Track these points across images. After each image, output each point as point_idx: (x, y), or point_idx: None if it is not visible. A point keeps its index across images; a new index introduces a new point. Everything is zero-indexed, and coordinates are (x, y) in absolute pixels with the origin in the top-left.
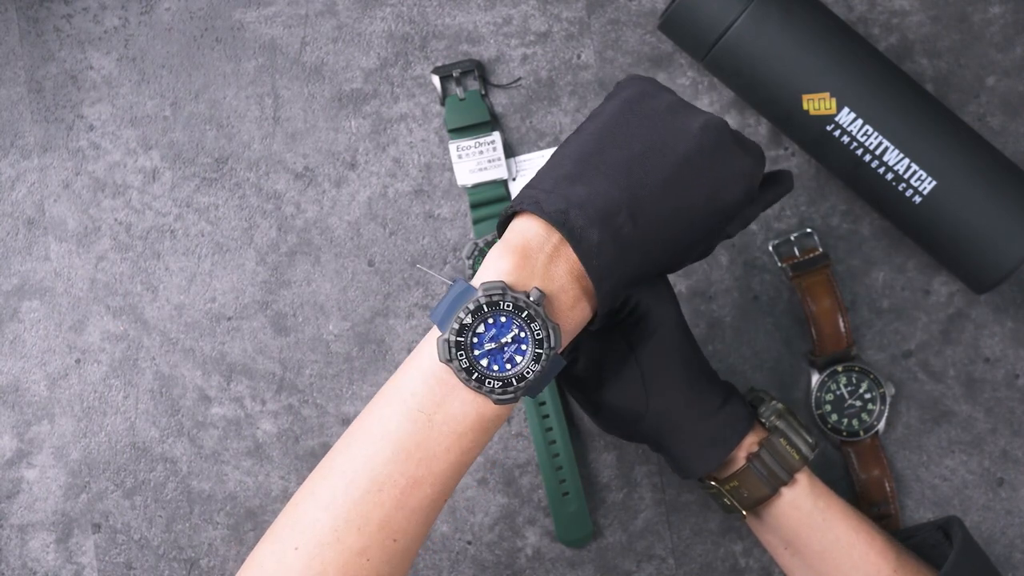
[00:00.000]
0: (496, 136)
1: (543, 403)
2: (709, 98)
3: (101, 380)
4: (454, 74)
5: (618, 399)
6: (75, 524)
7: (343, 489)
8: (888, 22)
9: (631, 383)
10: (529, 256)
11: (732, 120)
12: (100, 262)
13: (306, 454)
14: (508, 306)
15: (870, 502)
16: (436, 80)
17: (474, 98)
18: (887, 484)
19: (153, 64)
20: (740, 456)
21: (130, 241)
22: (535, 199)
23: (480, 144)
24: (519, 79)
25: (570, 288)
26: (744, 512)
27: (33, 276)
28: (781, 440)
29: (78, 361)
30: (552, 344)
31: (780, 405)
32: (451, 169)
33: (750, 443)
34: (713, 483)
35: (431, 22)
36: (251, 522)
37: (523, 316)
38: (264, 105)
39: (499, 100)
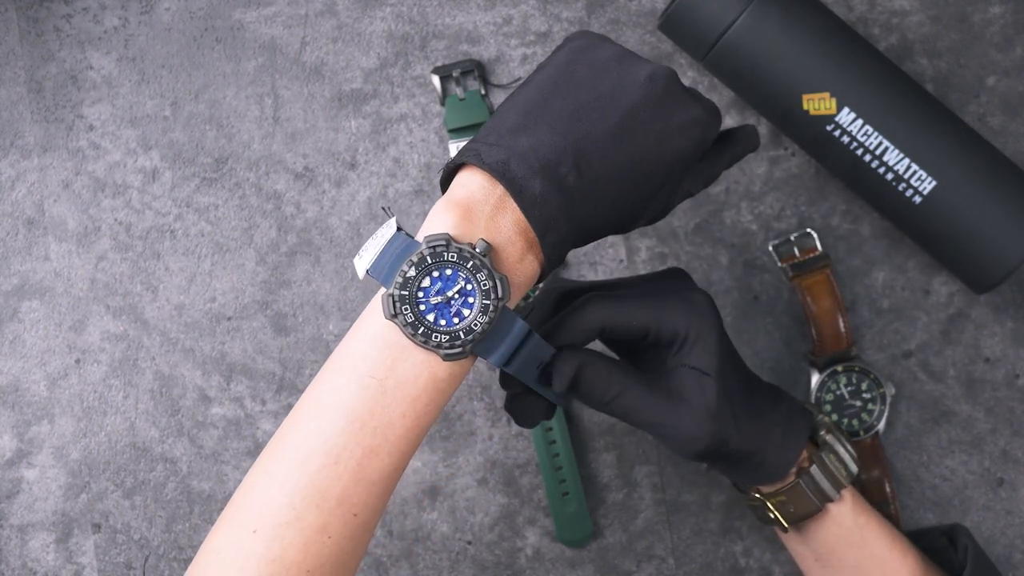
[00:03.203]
0: None
1: None
2: (709, 98)
3: (101, 380)
4: (454, 74)
5: (718, 429)
6: (75, 524)
7: (298, 464)
8: (888, 22)
9: (718, 406)
10: (473, 209)
11: (732, 120)
12: (100, 262)
13: None
14: (453, 257)
15: (870, 502)
16: (436, 80)
17: (474, 98)
18: (887, 485)
19: (153, 64)
20: (790, 471)
21: (130, 241)
22: (476, 151)
23: None
24: (519, 79)
25: (517, 241)
26: (787, 526)
27: (33, 276)
28: (831, 456)
29: (78, 361)
30: (499, 295)
31: (828, 419)
32: None
33: (801, 458)
34: (758, 495)
35: (431, 22)
36: None
37: (468, 267)
38: (264, 105)
39: (499, 100)
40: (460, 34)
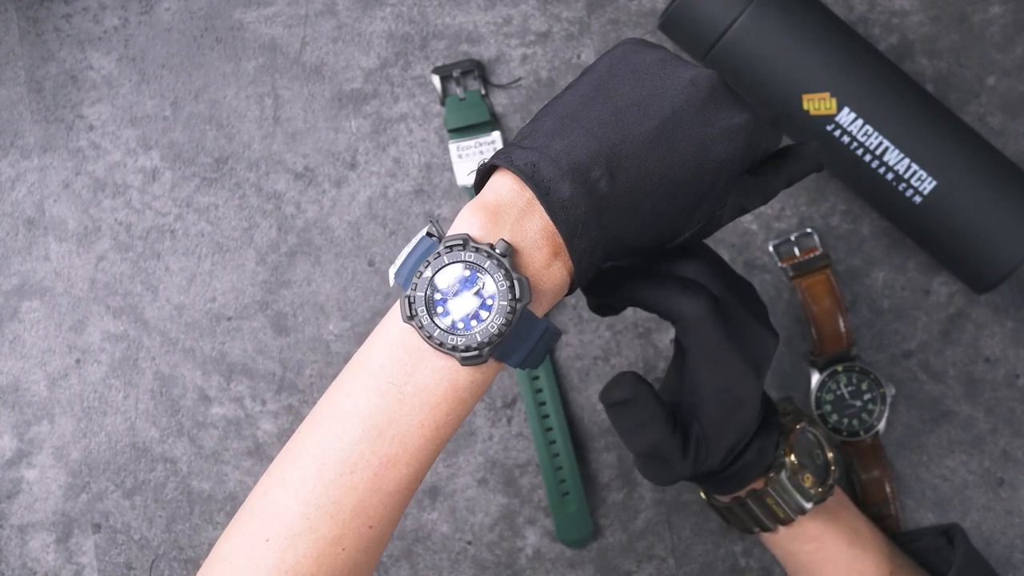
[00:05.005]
0: (496, 136)
1: (543, 403)
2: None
3: (101, 380)
4: (454, 74)
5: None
6: (75, 524)
7: (313, 473)
8: (888, 22)
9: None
10: (500, 212)
11: None
12: (100, 262)
13: None
14: (469, 257)
15: (870, 503)
16: (436, 80)
17: (474, 98)
18: (887, 485)
19: (153, 64)
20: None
21: (130, 241)
22: (508, 154)
23: (480, 144)
24: (519, 79)
25: (543, 246)
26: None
27: (33, 276)
28: (768, 500)
29: (78, 361)
30: (518, 296)
31: (790, 460)
32: (451, 169)
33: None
34: (703, 495)
35: (431, 22)
36: None
37: (486, 267)
38: (264, 105)
39: (499, 100)
40: (460, 34)
